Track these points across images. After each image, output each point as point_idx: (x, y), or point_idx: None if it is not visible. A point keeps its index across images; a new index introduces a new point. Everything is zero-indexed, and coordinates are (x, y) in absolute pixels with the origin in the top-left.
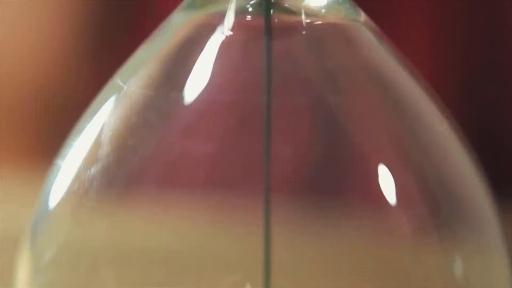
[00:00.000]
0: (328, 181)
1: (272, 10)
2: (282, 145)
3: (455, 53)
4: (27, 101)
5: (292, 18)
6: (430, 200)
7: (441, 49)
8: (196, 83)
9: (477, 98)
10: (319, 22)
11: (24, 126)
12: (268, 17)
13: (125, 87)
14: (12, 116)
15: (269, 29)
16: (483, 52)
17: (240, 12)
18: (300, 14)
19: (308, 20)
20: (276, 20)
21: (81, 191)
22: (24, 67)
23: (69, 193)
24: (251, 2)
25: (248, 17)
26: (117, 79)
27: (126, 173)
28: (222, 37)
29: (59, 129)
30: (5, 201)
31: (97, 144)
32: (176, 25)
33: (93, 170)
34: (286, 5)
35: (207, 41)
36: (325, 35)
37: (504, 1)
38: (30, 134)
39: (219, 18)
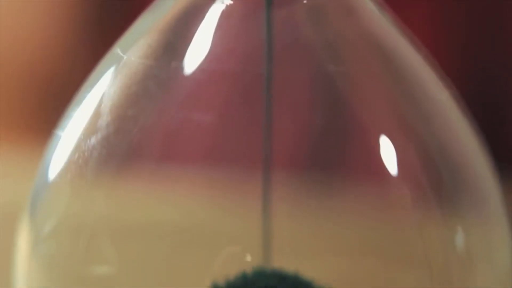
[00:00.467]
0: (328, 153)
1: None
2: (282, 116)
3: (454, 21)
4: (26, 78)
5: None
6: (431, 170)
7: (439, 19)
8: (196, 53)
9: (478, 68)
10: None
11: (24, 102)
12: None
13: (125, 57)
14: (12, 93)
15: None
16: (483, 20)
17: None
18: None
19: None
20: None
21: (81, 161)
22: (24, 45)
23: (69, 163)
24: None
25: None
26: (117, 49)
27: (126, 144)
28: (222, 7)
29: (59, 105)
30: (5, 177)
31: (97, 114)
32: None
33: (93, 140)
34: None
35: (207, 10)
36: (326, 4)
37: None
38: (30, 110)
39: None
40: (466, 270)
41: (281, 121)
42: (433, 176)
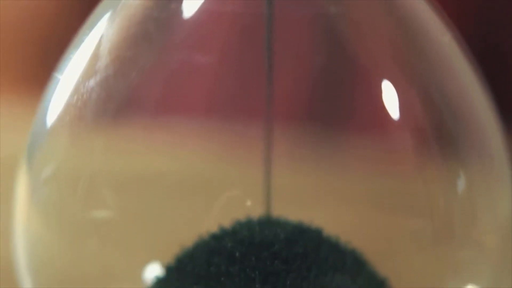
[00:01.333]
0: (330, 98)
1: None
2: (283, 59)
3: None
4: (27, 29)
5: None
6: (433, 115)
7: None
8: None
9: (481, 11)
10: None
11: (24, 54)
12: None
13: None
14: (12, 45)
15: None
16: None
17: None
18: None
19: None
20: None
21: (80, 103)
22: None
23: (68, 106)
24: None
25: None
26: None
27: (126, 86)
28: None
29: (59, 57)
30: (5, 129)
31: (95, 56)
32: None
33: (92, 82)
34: None
35: None
36: None
37: None
38: (30, 62)
39: None
40: (467, 215)
41: (283, 65)
42: (435, 120)
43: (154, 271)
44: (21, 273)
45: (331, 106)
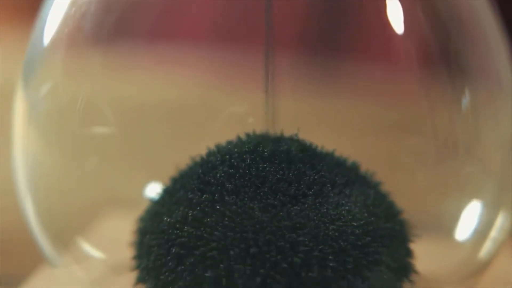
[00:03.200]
0: (333, 17)
1: None
2: None
3: None
4: None
5: None
6: (439, 31)
7: None
8: None
9: None
10: None
11: None
12: None
13: None
14: None
15: None
16: None
17: None
18: None
19: None
20: None
21: (78, 15)
22: None
23: (66, 18)
24: None
25: None
26: None
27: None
28: None
29: None
30: (5, 59)
31: None
32: None
33: None
34: None
35: None
36: None
37: None
38: None
39: None
40: (471, 133)
41: None
42: (441, 37)
43: (153, 191)
44: (21, 192)
45: (333, 26)
